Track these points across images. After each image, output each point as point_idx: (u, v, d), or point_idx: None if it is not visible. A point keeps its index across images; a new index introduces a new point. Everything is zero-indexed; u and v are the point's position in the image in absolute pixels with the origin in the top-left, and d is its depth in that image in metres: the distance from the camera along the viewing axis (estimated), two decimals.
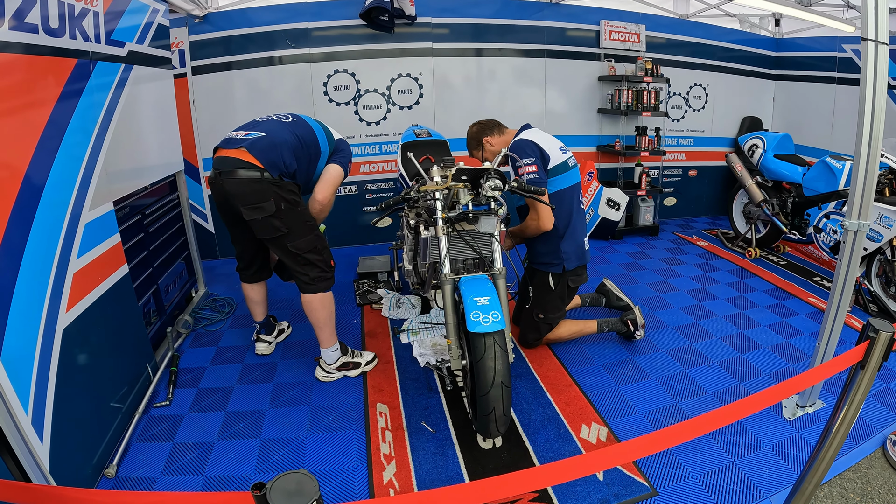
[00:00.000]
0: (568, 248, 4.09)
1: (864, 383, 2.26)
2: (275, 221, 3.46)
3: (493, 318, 2.96)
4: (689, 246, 7.46)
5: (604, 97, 7.75)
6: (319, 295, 3.68)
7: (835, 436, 2.31)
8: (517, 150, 3.95)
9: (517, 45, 7.10)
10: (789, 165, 6.78)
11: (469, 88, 6.99)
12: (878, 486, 3.18)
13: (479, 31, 6.87)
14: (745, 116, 8.94)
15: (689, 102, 8.48)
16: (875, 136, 3.14)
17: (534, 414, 3.57)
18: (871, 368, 2.23)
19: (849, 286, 3.39)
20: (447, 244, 3.30)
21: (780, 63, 8.99)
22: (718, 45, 8.45)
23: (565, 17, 7.27)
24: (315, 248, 3.64)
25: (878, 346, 2.19)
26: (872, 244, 5.28)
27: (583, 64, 7.53)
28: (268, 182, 3.40)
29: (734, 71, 8.71)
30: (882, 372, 4.15)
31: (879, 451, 3.50)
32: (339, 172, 3.84)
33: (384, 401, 3.65)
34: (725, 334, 4.85)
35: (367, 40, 6.36)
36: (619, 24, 7.50)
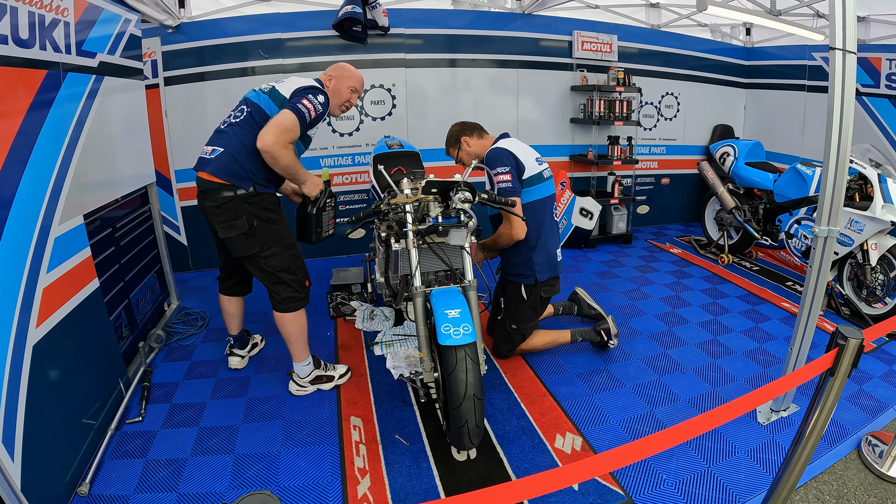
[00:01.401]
0: (540, 259, 4.10)
1: (835, 390, 2.28)
2: (248, 239, 3.46)
3: (464, 330, 2.97)
4: (662, 253, 7.52)
5: (576, 107, 7.80)
6: (290, 313, 3.67)
7: (807, 442, 2.34)
8: (493, 158, 3.96)
9: (490, 55, 7.12)
10: (760, 172, 6.87)
11: (442, 99, 6.99)
12: (853, 488, 3.23)
13: (453, 41, 6.89)
14: (717, 124, 9.07)
15: (662, 111, 8.57)
16: (843, 143, 3.19)
17: (508, 425, 3.57)
18: (841, 375, 2.26)
19: (820, 291, 3.43)
20: (418, 257, 3.30)
21: (751, 71, 9.14)
22: (690, 55, 8.57)
23: (538, 27, 7.31)
24: (289, 267, 3.61)
25: (847, 354, 2.22)
26: (844, 248, 5.40)
27: (555, 74, 7.58)
28: (241, 199, 3.39)
29: (706, 80, 8.83)
30: (856, 374, 4.23)
31: (854, 452, 3.54)
32: (285, 116, 3.31)
33: (358, 414, 3.63)
34: (699, 341, 4.89)
35: (340, 51, 6.33)
36: (592, 34, 7.56)
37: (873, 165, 5.44)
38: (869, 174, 5.35)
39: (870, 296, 5.45)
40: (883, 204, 5.15)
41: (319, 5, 6.30)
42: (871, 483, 3.28)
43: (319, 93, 3.43)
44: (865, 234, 5.25)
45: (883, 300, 5.36)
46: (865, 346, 4.76)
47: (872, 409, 4.00)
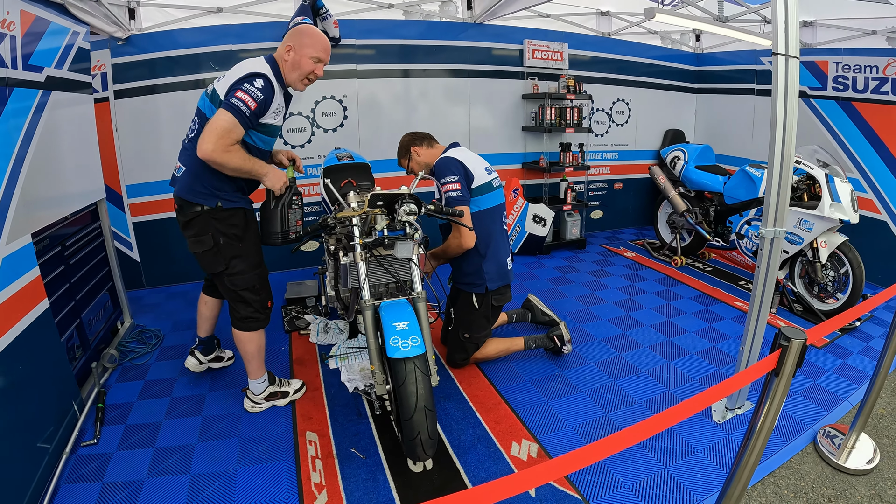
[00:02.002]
0: (490, 268, 4.13)
1: (780, 390, 2.32)
2: (215, 257, 3.43)
3: (413, 342, 2.99)
4: (616, 257, 7.61)
5: (528, 115, 7.86)
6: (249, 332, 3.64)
7: (756, 441, 2.38)
8: (441, 167, 3.99)
9: (443, 65, 7.15)
10: (710, 175, 7.02)
11: (395, 109, 6.99)
12: (811, 481, 3.32)
13: (405, 52, 6.90)
14: (668, 129, 9.23)
15: (613, 117, 8.70)
16: (788, 145, 3.29)
17: (464, 434, 3.58)
18: (786, 375, 2.30)
19: (769, 291, 3.53)
20: (366, 270, 3.30)
21: (701, 77, 9.33)
22: (641, 62, 8.72)
23: (490, 37, 7.36)
24: (253, 286, 3.57)
25: (790, 354, 2.26)
26: (794, 247, 5.56)
27: (507, 83, 7.63)
28: (208, 215, 3.35)
29: (656, 86, 8.99)
30: (810, 369, 4.42)
31: (811, 446, 3.64)
32: (219, 117, 3.09)
33: (313, 429, 3.61)
34: (653, 343, 4.97)
35: None
36: (543, 43, 7.64)
37: (821, 165, 5.58)
38: (817, 174, 5.50)
39: (821, 292, 5.63)
40: (831, 203, 5.30)
41: (271, 17, 6.25)
42: (829, 475, 3.37)
43: (256, 78, 3.14)
44: (815, 232, 5.41)
45: (834, 296, 5.54)
46: (818, 341, 4.95)
47: (827, 402, 4.12)
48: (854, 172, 6.91)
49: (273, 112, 3.30)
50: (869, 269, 5.46)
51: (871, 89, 6.72)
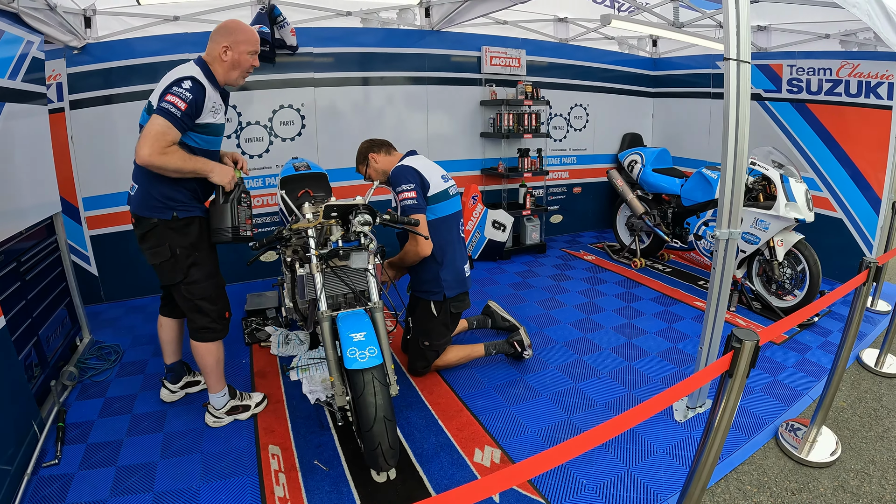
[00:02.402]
0: (448, 275, 4.17)
1: (735, 390, 2.36)
2: (173, 267, 3.42)
3: (370, 353, 3.00)
4: (576, 261, 7.69)
5: (486, 121, 7.90)
6: (206, 343, 3.62)
7: (713, 441, 2.43)
8: (398, 175, 4.01)
9: (401, 72, 7.16)
10: (667, 178, 7.13)
11: (353, 117, 6.97)
12: (774, 475, 3.40)
13: (363, 59, 6.89)
14: (626, 133, 9.36)
15: (571, 122, 8.80)
16: (740, 148, 3.36)
17: (426, 442, 3.59)
18: (740, 376, 2.34)
19: (725, 291, 3.61)
20: (322, 281, 3.31)
21: (658, 81, 9.50)
22: (598, 67, 8.84)
23: (448, 44, 7.40)
24: (209, 296, 3.56)
25: (743, 356, 2.30)
26: (751, 246, 5.69)
27: (465, 89, 7.68)
28: (164, 226, 3.34)
29: (614, 90, 9.12)
30: (770, 365, 4.54)
31: (773, 441, 3.73)
32: (152, 122, 3.07)
33: (276, 442, 3.59)
34: (614, 345, 5.04)
35: None
36: (500, 49, 7.69)
37: (776, 166, 5.70)
38: (772, 175, 5.62)
39: (779, 289, 5.76)
40: (786, 202, 5.42)
41: None
42: (791, 469, 3.46)
43: (183, 80, 3.14)
44: (771, 231, 5.53)
45: (792, 292, 5.68)
46: (777, 337, 5.05)
47: (787, 397, 4.21)
48: (809, 172, 7.07)
49: (210, 111, 3.29)
50: (826, 266, 5.63)
51: (824, 91, 6.89)
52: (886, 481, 3.39)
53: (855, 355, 4.99)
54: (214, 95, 3.32)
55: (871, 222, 6.63)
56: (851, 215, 6.81)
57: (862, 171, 6.66)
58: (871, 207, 6.60)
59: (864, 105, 6.55)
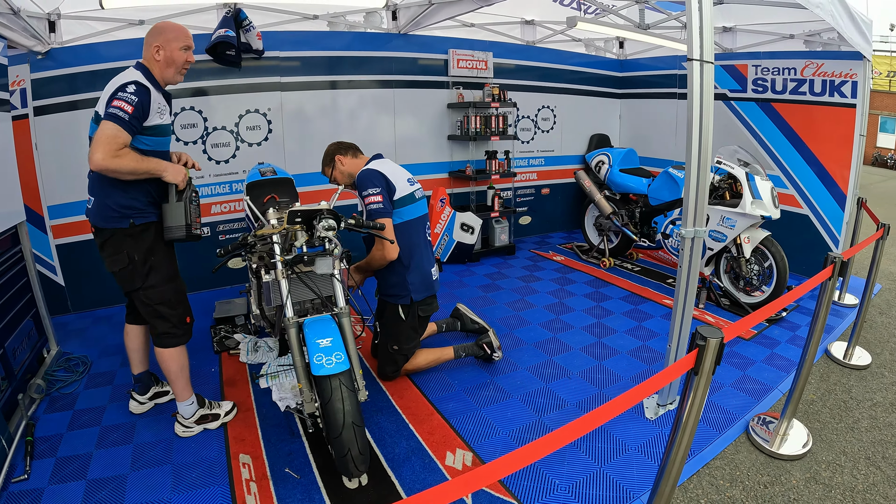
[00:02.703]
0: (415, 279, 4.18)
1: (701, 387, 2.39)
2: (132, 274, 3.42)
3: (336, 359, 3.01)
4: (545, 262, 7.74)
5: (453, 124, 7.92)
6: (168, 349, 3.61)
7: (681, 438, 2.46)
8: (363, 179, 4.01)
9: (368, 76, 7.15)
10: (635, 178, 7.21)
11: (321, 121, 6.95)
12: (746, 469, 3.45)
13: (330, 63, 6.88)
14: (594, 134, 9.44)
15: (538, 124, 8.86)
16: (704, 148, 3.41)
17: (398, 447, 3.60)
18: (705, 373, 2.37)
19: (692, 288, 3.66)
20: (288, 287, 3.30)
21: (625, 82, 9.61)
22: (565, 69, 8.92)
23: (415, 47, 7.40)
24: (168, 301, 3.55)
25: (708, 353, 2.34)
26: (718, 244, 5.78)
27: (432, 92, 7.69)
28: (121, 234, 3.35)
29: (581, 92, 9.21)
30: (739, 360, 4.62)
31: (744, 436, 3.79)
32: (102, 128, 3.08)
33: (247, 451, 3.57)
34: (584, 344, 5.08)
35: (215, 76, 6.22)
36: (467, 52, 7.72)
37: (742, 165, 5.80)
38: (737, 173, 5.72)
39: (747, 286, 5.88)
40: (752, 200, 5.52)
41: (194, 29, 6.02)
42: (763, 462, 3.52)
43: (127, 85, 3.16)
44: (738, 229, 5.63)
45: (760, 288, 5.80)
46: (746, 333, 5.14)
47: (757, 392, 4.29)
48: (775, 170, 7.21)
49: (157, 112, 3.31)
50: (793, 261, 5.76)
51: (789, 90, 7.04)
52: (858, 471, 3.47)
53: (823, 349, 5.09)
54: (158, 97, 3.34)
55: (836, 218, 6.77)
56: (817, 211, 6.94)
57: (827, 168, 6.79)
58: (837, 203, 6.74)
59: (828, 104, 6.69)
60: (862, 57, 6.13)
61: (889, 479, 3.42)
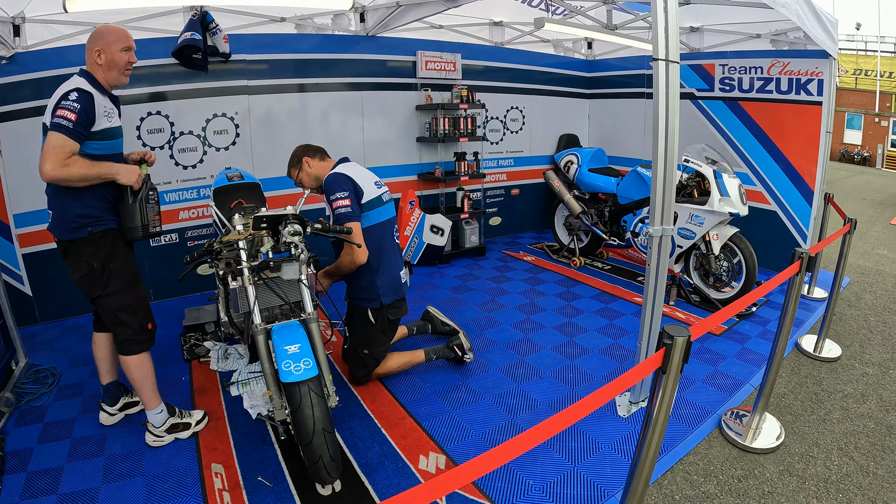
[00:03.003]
0: (383, 282, 4.18)
1: (670, 386, 2.41)
2: (92, 281, 3.41)
3: (305, 365, 3.00)
4: (516, 262, 7.78)
5: (422, 126, 7.90)
6: (132, 356, 3.59)
7: (652, 436, 2.47)
8: (331, 183, 4.00)
9: (337, 78, 7.12)
10: (603, 177, 7.29)
11: (289, 125, 6.90)
12: (719, 464, 3.51)
13: (298, 66, 6.84)
14: (563, 134, 9.50)
15: (507, 125, 8.89)
16: (671, 147, 3.45)
17: (370, 452, 3.59)
18: (673, 372, 2.38)
19: (661, 286, 3.72)
20: (255, 293, 3.29)
21: (593, 83, 9.69)
22: (534, 70, 8.97)
23: (383, 49, 7.39)
24: (128, 307, 3.52)
25: (675, 352, 2.35)
26: (687, 241, 5.86)
27: (401, 94, 7.67)
28: (81, 242, 3.34)
29: (550, 92, 9.26)
30: (710, 356, 4.71)
31: (716, 430, 3.85)
32: (49, 139, 3.09)
33: (219, 460, 3.53)
34: (555, 344, 5.12)
35: (181, 79, 6.14)
36: (436, 54, 7.73)
37: (709, 163, 5.88)
38: (705, 171, 5.80)
39: (717, 282, 5.97)
40: (720, 197, 5.62)
41: (160, 32, 6.04)
42: (736, 456, 3.58)
43: (69, 93, 3.16)
44: (706, 226, 5.71)
45: (729, 284, 5.89)
46: (717, 329, 5.21)
47: (729, 387, 4.36)
48: (743, 168, 7.32)
49: (104, 116, 3.31)
50: (763, 257, 5.87)
51: (756, 89, 7.16)
52: (831, 462, 3.55)
53: (794, 342, 5.20)
54: (103, 101, 3.33)
55: (804, 214, 6.89)
56: (785, 207, 7.07)
57: (794, 164, 6.91)
58: (804, 199, 6.86)
59: (794, 101, 6.81)
60: (828, 55, 6.23)
61: (862, 468, 3.51)
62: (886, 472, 3.49)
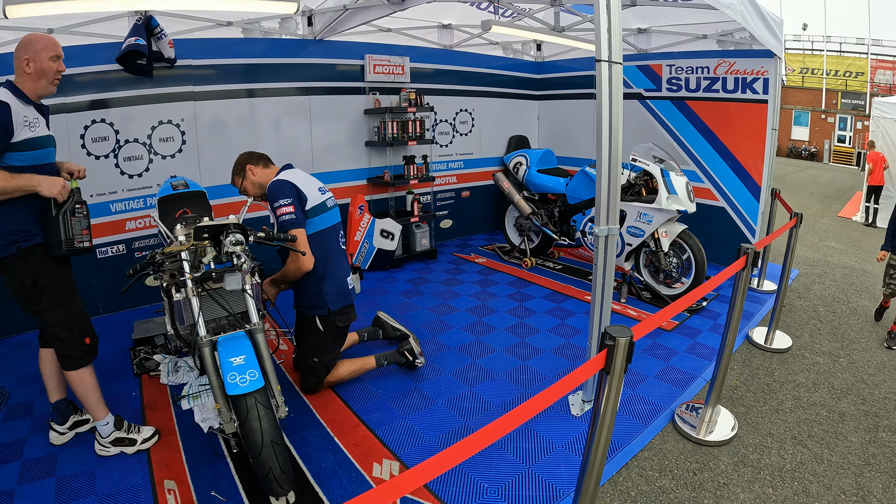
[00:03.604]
0: (330, 289, 4.16)
1: (614, 387, 2.43)
2: (25, 297, 3.36)
3: (250, 377, 2.97)
4: (468, 265, 7.82)
5: (371, 130, 7.88)
6: (73, 371, 3.54)
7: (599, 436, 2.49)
8: (274, 190, 3.97)
9: (285, 83, 7.07)
10: (552, 178, 7.37)
11: (236, 131, 6.81)
12: (674, 458, 3.58)
13: (245, 71, 6.76)
14: (512, 136, 9.57)
15: (457, 128, 8.93)
16: (615, 147, 3.49)
17: (324, 462, 3.58)
18: (617, 372, 2.40)
19: (608, 285, 3.77)
20: (199, 305, 3.25)
21: (542, 84, 9.80)
22: (484, 72, 9.03)
23: (331, 53, 7.37)
24: (62, 323, 3.45)
25: (618, 353, 2.37)
26: (636, 239, 5.98)
27: (350, 98, 7.65)
28: (12, 259, 3.28)
29: (500, 94, 9.33)
30: (662, 352, 4.80)
31: (670, 425, 3.92)
32: None
33: (171, 476, 3.47)
34: (508, 345, 5.16)
35: (126, 86, 6.01)
36: (384, 57, 7.72)
37: (657, 161, 5.98)
38: (653, 170, 5.91)
39: (667, 278, 6.10)
40: (667, 195, 5.72)
41: (104, 37, 5.89)
42: (690, 450, 3.66)
43: None
44: (655, 224, 5.83)
45: (680, 280, 6.03)
46: (668, 324, 5.33)
47: (681, 381, 4.46)
48: (691, 165, 7.50)
49: (25, 126, 3.24)
50: (713, 252, 6.05)
51: (702, 88, 7.34)
52: (785, 451, 3.66)
53: (745, 335, 5.34)
54: (24, 110, 3.26)
55: (752, 209, 7.08)
56: (733, 203, 7.27)
57: (741, 162, 7.11)
58: (752, 195, 7.05)
59: (740, 100, 7.00)
60: (773, 55, 6.38)
61: (816, 456, 3.63)
62: (840, 459, 3.61)
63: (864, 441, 3.83)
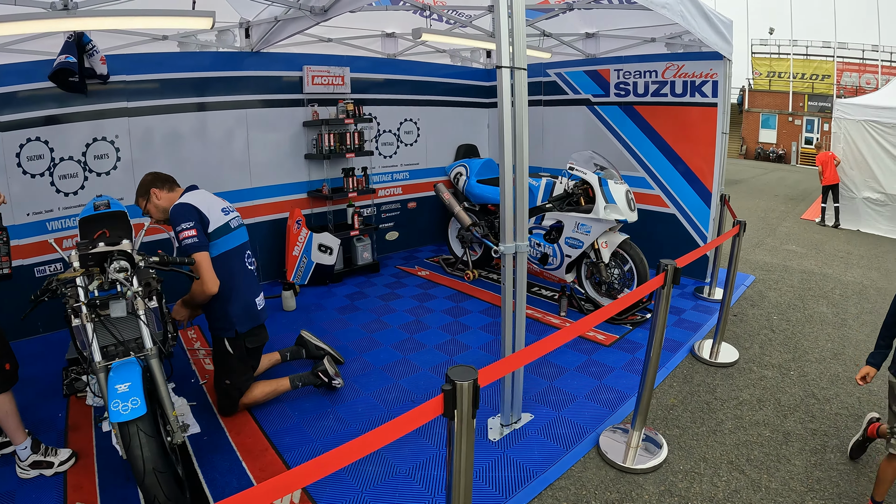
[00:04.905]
0: (236, 310, 4.13)
1: (464, 434, 2.25)
2: None
3: (133, 404, 2.94)
4: (409, 278, 7.79)
5: (310, 142, 7.84)
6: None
7: (458, 487, 2.35)
8: (176, 214, 3.93)
9: (221, 97, 7.02)
10: (492, 188, 7.40)
11: (172, 147, 6.74)
12: (593, 489, 3.44)
13: (180, 85, 6.71)
14: (461, 144, 9.57)
15: (401, 138, 8.91)
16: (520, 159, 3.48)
17: (228, 487, 3.54)
18: (464, 419, 2.22)
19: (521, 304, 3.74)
20: (94, 330, 3.22)
21: (492, 91, 9.80)
22: (430, 81, 9.01)
23: (270, 65, 7.33)
24: None
25: (463, 397, 2.17)
26: (575, 251, 5.97)
27: (288, 111, 7.60)
28: None
29: (447, 103, 9.32)
30: (597, 370, 4.78)
31: (594, 450, 3.78)
32: None
33: (83, 499, 3.45)
34: (434, 364, 5.11)
35: (59, 103, 5.97)
36: (323, 68, 7.68)
37: (598, 169, 5.97)
38: (590, 178, 5.89)
39: (610, 290, 6.07)
40: (605, 205, 5.72)
41: (37, 55, 5.87)
42: (613, 478, 3.53)
43: None
44: (593, 234, 5.83)
45: (622, 291, 5.99)
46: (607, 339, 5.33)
47: (613, 402, 4.37)
48: (640, 172, 7.55)
49: None
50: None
51: (651, 92, 7.37)
52: (719, 478, 3.53)
53: (688, 348, 5.29)
54: None
55: (702, 215, 7.13)
56: (684, 210, 7.31)
57: (691, 167, 7.14)
58: (702, 201, 7.10)
59: (690, 104, 7.03)
60: (722, 57, 6.41)
61: (753, 482, 3.50)
62: (780, 485, 3.48)
63: (808, 464, 3.71)
